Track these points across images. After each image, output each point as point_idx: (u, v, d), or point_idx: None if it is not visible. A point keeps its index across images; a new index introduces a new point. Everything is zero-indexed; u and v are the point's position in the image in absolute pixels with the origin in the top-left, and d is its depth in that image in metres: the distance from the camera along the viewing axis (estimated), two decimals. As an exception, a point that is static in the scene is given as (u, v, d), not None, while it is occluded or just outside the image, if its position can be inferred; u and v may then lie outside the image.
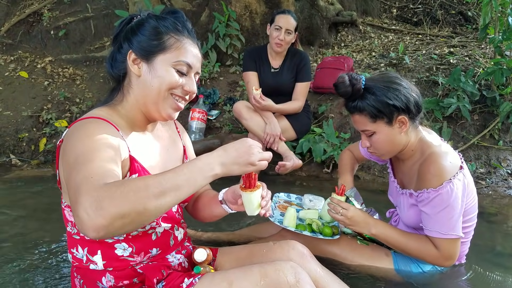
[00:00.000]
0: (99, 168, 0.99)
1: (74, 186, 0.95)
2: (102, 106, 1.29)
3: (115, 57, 1.30)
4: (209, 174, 1.06)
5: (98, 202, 0.88)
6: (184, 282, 1.26)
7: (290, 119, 3.31)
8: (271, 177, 3.51)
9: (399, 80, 1.61)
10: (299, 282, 1.22)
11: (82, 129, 1.12)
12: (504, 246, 2.36)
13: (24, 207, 2.72)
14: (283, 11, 3.24)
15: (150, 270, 1.28)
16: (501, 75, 3.37)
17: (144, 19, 1.28)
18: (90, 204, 0.87)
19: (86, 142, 1.06)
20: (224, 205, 1.40)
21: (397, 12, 6.79)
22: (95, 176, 0.95)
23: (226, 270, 1.32)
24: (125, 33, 1.27)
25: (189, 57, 1.27)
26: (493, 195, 3.17)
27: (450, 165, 1.55)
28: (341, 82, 1.59)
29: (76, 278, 1.31)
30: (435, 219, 1.58)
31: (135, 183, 0.94)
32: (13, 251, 2.09)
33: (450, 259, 1.62)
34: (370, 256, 1.80)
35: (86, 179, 0.94)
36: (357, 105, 1.61)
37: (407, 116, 1.60)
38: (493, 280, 1.87)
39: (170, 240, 1.38)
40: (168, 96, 1.26)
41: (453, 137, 3.60)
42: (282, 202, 2.22)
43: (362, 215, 1.70)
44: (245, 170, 1.12)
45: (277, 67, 3.34)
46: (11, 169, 3.70)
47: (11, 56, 5.05)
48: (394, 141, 1.64)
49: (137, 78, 1.26)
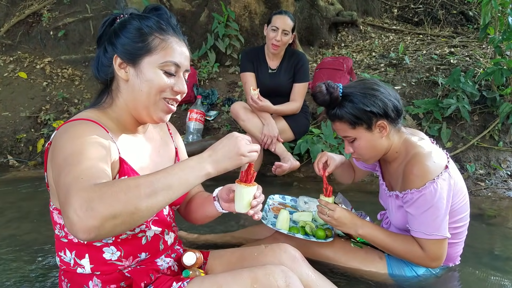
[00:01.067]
0: (89, 168, 0.97)
1: (63, 187, 0.93)
2: (91, 108, 1.27)
3: (101, 61, 1.26)
4: (201, 174, 1.05)
5: (89, 202, 0.86)
6: (172, 286, 1.25)
7: (288, 120, 3.29)
8: (268, 178, 3.49)
9: (376, 86, 1.63)
10: (289, 286, 1.21)
11: (70, 130, 1.10)
12: (502, 249, 2.33)
13: (18, 208, 2.71)
14: (280, 12, 3.22)
15: (138, 274, 1.26)
16: (501, 75, 3.34)
17: (127, 20, 1.24)
18: (80, 205, 0.86)
19: (75, 142, 1.04)
20: (216, 202, 1.39)
21: (398, 12, 6.75)
22: (85, 176, 0.94)
23: (215, 274, 1.30)
24: (109, 36, 1.24)
25: (176, 56, 1.23)
26: (493, 197, 3.13)
27: (433, 165, 1.55)
28: (319, 91, 1.61)
29: (63, 281, 1.30)
30: (419, 220, 1.59)
31: (126, 182, 0.93)
32: (3, 252, 2.07)
33: (436, 260, 1.61)
34: (364, 259, 1.78)
35: (75, 179, 0.92)
36: (336, 112, 1.63)
37: (386, 121, 1.62)
38: (489, 283, 1.85)
39: (160, 245, 1.36)
40: (159, 100, 1.24)
41: (453, 138, 3.57)
42: (277, 204, 2.20)
43: (349, 216, 1.70)
44: (237, 163, 1.11)
45: (274, 68, 3.32)
46: (8, 170, 3.70)
47: (10, 56, 5.05)
48: (376, 145, 1.66)
49: (125, 83, 1.23)
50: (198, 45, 4.79)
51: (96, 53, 1.29)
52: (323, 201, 1.77)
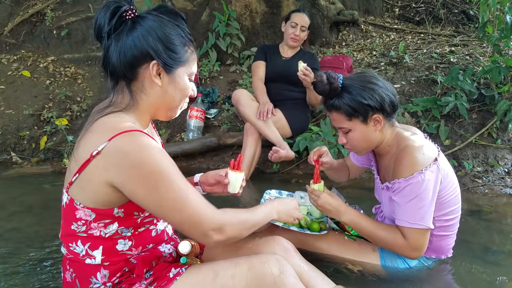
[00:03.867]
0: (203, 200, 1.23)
1: (186, 216, 1.19)
2: (123, 114, 1.23)
3: (122, 59, 1.20)
4: (271, 217, 1.45)
5: (222, 226, 1.23)
6: (171, 271, 1.29)
7: (287, 115, 3.33)
8: (268, 175, 3.53)
9: (375, 79, 1.67)
10: (283, 273, 1.26)
11: (145, 149, 1.14)
12: (498, 244, 2.35)
13: (20, 203, 2.76)
14: (298, 10, 3.59)
15: (142, 260, 1.30)
16: (499, 73, 3.35)
17: (163, 25, 1.22)
18: (215, 227, 1.22)
19: (161, 163, 1.15)
20: (198, 186, 1.64)
21: (399, 11, 6.76)
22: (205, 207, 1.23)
23: (212, 262, 1.36)
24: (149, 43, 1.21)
25: (195, 65, 1.34)
26: (490, 194, 3.15)
27: (423, 157, 1.58)
28: (319, 81, 1.65)
29: (68, 271, 1.30)
30: (404, 208, 1.62)
31: (240, 216, 1.33)
32: (6, 245, 2.12)
33: (417, 250, 1.64)
34: (357, 251, 1.82)
35: (199, 209, 1.21)
36: (334, 103, 1.67)
37: (381, 115, 1.65)
38: (481, 276, 1.87)
39: (164, 236, 1.42)
40: (180, 105, 1.35)
41: (451, 135, 3.59)
42: (273, 199, 2.23)
43: (334, 203, 1.74)
44: (287, 220, 1.54)
45: (288, 56, 3.52)
46: (11, 166, 3.75)
47: (14, 55, 5.10)
48: (369, 138, 1.70)
49: (155, 87, 1.24)
50: (199, 44, 4.83)
51: (114, 48, 1.20)
52: (310, 188, 1.81)
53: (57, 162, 3.80)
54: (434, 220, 1.65)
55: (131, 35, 1.19)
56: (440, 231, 1.73)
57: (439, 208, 1.67)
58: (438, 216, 1.69)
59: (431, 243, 1.75)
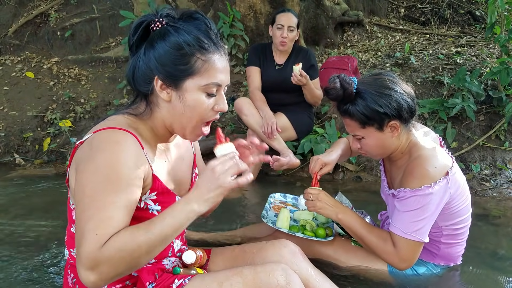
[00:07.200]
0: (109, 218, 1.01)
1: (80, 229, 1.00)
2: (128, 115, 1.23)
3: (137, 74, 1.19)
4: (190, 215, 1.08)
5: (97, 265, 0.96)
6: (174, 283, 1.26)
7: (291, 118, 3.29)
8: (272, 177, 3.50)
9: (392, 84, 1.55)
10: (289, 284, 1.22)
11: (108, 148, 1.08)
12: (506, 249, 2.30)
13: (23, 205, 2.75)
14: (283, 10, 3.30)
15: (145, 273, 1.27)
16: (507, 74, 3.30)
17: (164, 33, 1.15)
18: (90, 266, 0.96)
19: (109, 171, 1.04)
20: None
21: (404, 12, 6.72)
22: (100, 231, 0.98)
23: (217, 271, 1.32)
24: (145, 48, 1.17)
25: (218, 76, 1.18)
26: (498, 197, 3.10)
27: (434, 170, 1.51)
28: (332, 87, 1.55)
29: (69, 275, 1.30)
30: (402, 216, 1.56)
31: (128, 245, 0.99)
32: (8, 248, 2.10)
33: (405, 261, 1.57)
34: (364, 258, 1.78)
35: (91, 232, 0.98)
36: (347, 109, 1.58)
37: (398, 122, 1.56)
38: (491, 283, 1.83)
39: (169, 252, 1.39)
40: (199, 125, 1.22)
41: (458, 138, 3.54)
42: (278, 203, 2.20)
43: (330, 204, 1.72)
44: (221, 193, 1.10)
45: (281, 63, 3.37)
46: (14, 168, 3.74)
47: (18, 56, 5.11)
48: (385, 144, 1.61)
49: (165, 102, 1.19)
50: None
51: (131, 62, 1.21)
52: (308, 189, 1.80)
53: (61, 164, 3.79)
54: (442, 229, 1.60)
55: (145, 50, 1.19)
56: (448, 239, 1.68)
57: (449, 218, 1.63)
58: (447, 226, 1.65)
59: (439, 250, 1.71)
